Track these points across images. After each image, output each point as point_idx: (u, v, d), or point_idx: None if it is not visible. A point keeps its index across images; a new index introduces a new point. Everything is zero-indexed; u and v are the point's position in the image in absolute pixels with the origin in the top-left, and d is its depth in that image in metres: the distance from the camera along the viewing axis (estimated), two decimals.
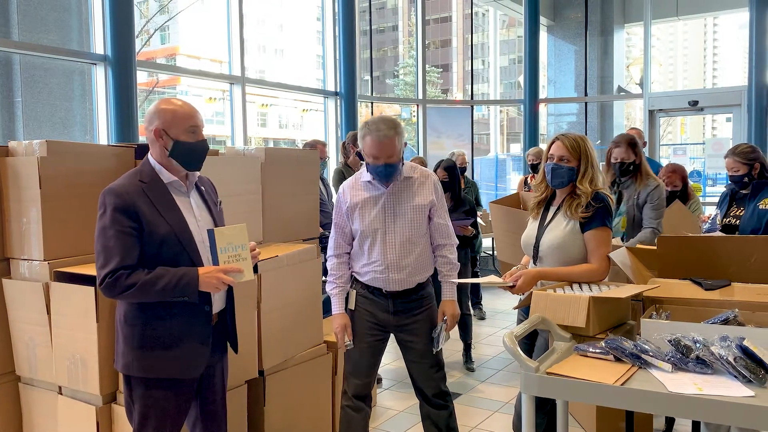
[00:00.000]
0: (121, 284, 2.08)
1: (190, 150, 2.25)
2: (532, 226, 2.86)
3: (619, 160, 3.85)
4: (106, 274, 2.09)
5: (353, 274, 2.87)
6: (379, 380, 4.60)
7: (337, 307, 2.83)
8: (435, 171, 4.83)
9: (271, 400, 3.14)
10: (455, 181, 4.79)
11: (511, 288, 2.64)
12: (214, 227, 2.29)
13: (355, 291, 2.84)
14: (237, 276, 2.20)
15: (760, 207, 3.50)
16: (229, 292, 2.39)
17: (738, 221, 3.60)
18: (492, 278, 2.88)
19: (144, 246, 2.15)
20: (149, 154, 2.29)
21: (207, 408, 2.38)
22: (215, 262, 2.18)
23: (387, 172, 2.70)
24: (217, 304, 2.34)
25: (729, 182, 3.72)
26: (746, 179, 3.59)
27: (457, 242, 2.96)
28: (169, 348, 2.20)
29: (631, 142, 3.85)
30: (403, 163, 2.79)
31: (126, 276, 2.08)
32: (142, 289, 2.09)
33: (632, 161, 3.84)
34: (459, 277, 4.72)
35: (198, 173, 2.37)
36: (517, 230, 4.09)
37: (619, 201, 3.90)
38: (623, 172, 3.87)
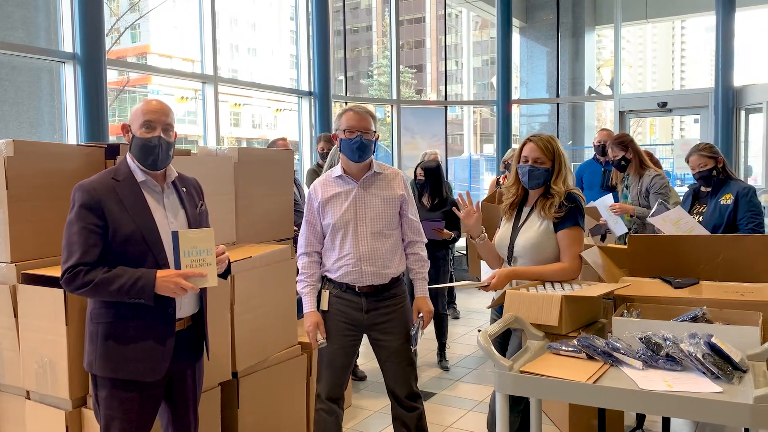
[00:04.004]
0: (79, 281, 2.09)
1: (142, 145, 2.20)
2: (505, 228, 2.89)
3: (613, 159, 4.32)
4: (66, 269, 2.10)
5: (325, 273, 2.85)
6: (363, 378, 4.59)
7: (308, 305, 2.80)
8: (414, 171, 4.91)
9: (244, 403, 3.12)
10: (440, 180, 4.92)
11: (485, 287, 2.67)
12: (187, 229, 2.26)
13: (327, 291, 2.82)
14: (198, 281, 2.14)
15: (722, 202, 3.60)
16: (202, 295, 2.35)
17: (701, 218, 3.69)
18: (465, 282, 2.91)
19: (109, 244, 2.14)
20: (129, 151, 2.29)
21: (177, 413, 2.36)
22: (177, 265, 2.14)
23: (362, 146, 2.72)
24: (189, 307, 2.30)
25: (695, 180, 3.82)
26: (714, 172, 3.67)
27: (426, 240, 2.98)
28: (127, 349, 2.18)
29: (615, 141, 4.32)
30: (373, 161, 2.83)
31: (84, 273, 2.09)
32: (98, 288, 2.09)
33: (622, 156, 4.25)
34: (440, 279, 4.81)
35: (176, 172, 2.34)
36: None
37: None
38: (620, 168, 4.31)
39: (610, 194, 4.43)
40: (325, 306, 2.81)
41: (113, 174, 2.22)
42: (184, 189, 2.36)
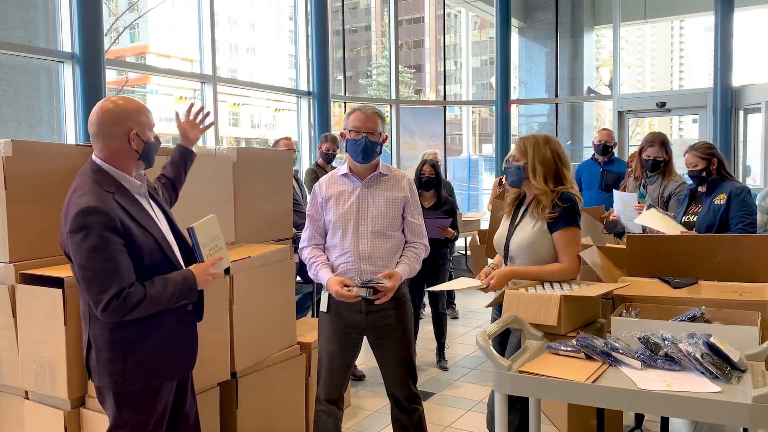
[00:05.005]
0: (130, 303, 2.01)
1: (155, 150, 2.22)
2: (503, 226, 2.90)
3: (652, 158, 4.21)
4: (111, 298, 1.99)
5: None
6: (362, 377, 4.59)
7: (325, 276, 2.73)
8: (421, 168, 4.87)
9: (243, 403, 3.12)
10: (439, 179, 4.89)
11: (484, 288, 2.68)
12: (165, 216, 2.28)
13: (327, 292, 2.81)
14: (219, 265, 2.25)
15: (716, 202, 3.60)
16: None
17: (695, 218, 3.70)
18: (464, 282, 2.89)
19: (133, 260, 2.07)
20: (94, 157, 2.15)
21: (178, 408, 2.35)
22: (200, 257, 2.20)
23: (367, 146, 2.71)
24: None
25: (688, 178, 3.83)
26: (704, 173, 3.68)
27: (429, 248, 2.94)
28: (165, 353, 2.17)
29: (663, 142, 4.24)
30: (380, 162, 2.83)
31: (131, 295, 2.02)
32: (149, 304, 2.04)
33: (663, 159, 4.22)
34: (441, 277, 4.81)
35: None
36: None
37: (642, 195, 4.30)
38: (653, 168, 4.23)
39: (635, 194, 4.39)
40: (324, 307, 2.81)
41: (104, 186, 2.09)
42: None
